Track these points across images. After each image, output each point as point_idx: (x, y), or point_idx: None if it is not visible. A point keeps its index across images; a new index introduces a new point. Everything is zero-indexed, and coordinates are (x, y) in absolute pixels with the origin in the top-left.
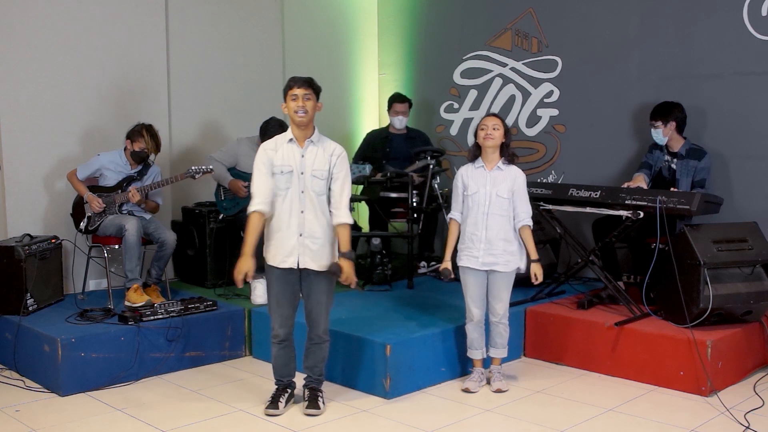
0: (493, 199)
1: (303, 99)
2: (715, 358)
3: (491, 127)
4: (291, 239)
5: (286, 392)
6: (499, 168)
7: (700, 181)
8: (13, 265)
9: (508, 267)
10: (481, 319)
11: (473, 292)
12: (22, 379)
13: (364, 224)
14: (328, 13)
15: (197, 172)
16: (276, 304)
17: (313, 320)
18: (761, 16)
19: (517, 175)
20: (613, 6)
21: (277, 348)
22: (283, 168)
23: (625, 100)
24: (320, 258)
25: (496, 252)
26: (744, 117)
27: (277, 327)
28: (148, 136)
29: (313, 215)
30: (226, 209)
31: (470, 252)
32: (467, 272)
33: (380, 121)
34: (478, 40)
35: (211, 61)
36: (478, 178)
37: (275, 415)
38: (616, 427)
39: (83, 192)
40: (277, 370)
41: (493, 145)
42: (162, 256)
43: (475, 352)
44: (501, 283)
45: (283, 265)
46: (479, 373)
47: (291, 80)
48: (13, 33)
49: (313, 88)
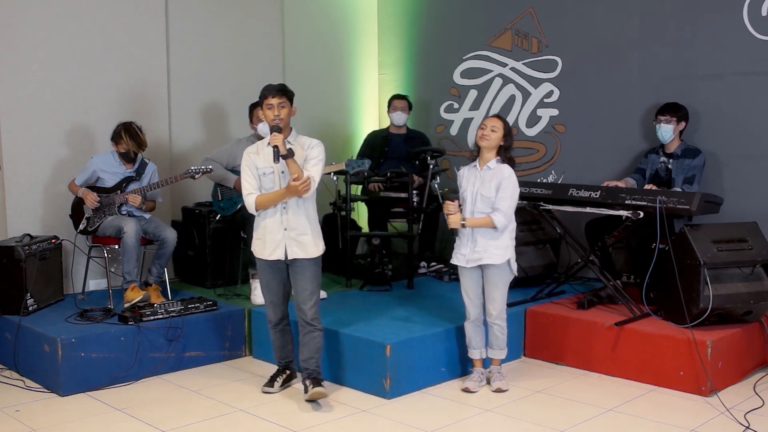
0: (478, 198)
1: (278, 108)
2: (715, 358)
3: (489, 128)
4: (277, 234)
5: (285, 373)
6: (488, 167)
7: (689, 178)
8: (13, 265)
9: (493, 259)
10: (477, 317)
11: (468, 290)
12: (22, 379)
13: (363, 224)
14: (328, 13)
15: (197, 172)
16: (266, 291)
17: (300, 307)
18: (761, 16)
19: (504, 174)
20: (613, 6)
21: (273, 332)
22: (265, 170)
23: (625, 100)
24: (306, 247)
25: (478, 248)
26: (744, 117)
27: (270, 313)
28: (127, 136)
29: (294, 210)
30: (224, 209)
31: (458, 250)
32: (461, 270)
33: (380, 121)
34: (478, 40)
35: (211, 61)
36: (470, 177)
37: (270, 393)
38: (616, 427)
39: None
40: (276, 351)
41: (487, 146)
42: (163, 254)
43: (474, 352)
44: (491, 280)
45: (270, 257)
46: (479, 373)
47: (265, 90)
48: (13, 33)
49: (287, 96)
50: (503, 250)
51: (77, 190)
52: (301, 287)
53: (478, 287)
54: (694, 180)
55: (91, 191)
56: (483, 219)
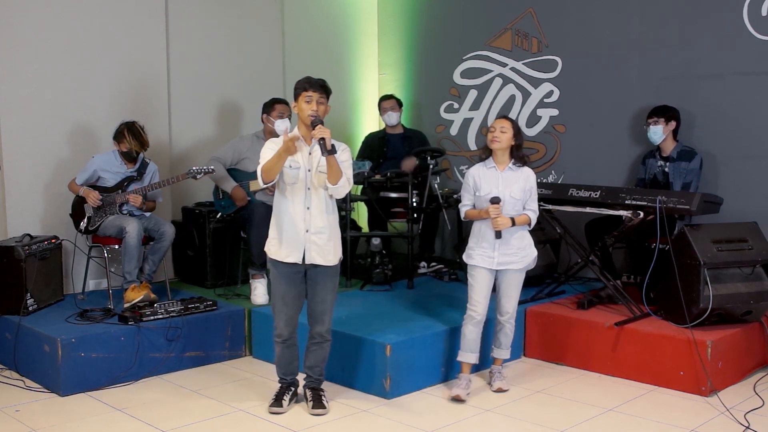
0: (507, 200)
1: (317, 103)
2: (715, 358)
3: (498, 129)
4: (298, 235)
5: (290, 390)
6: (510, 169)
7: (687, 184)
8: (13, 265)
9: (522, 263)
10: (482, 319)
11: (482, 290)
12: (22, 379)
13: (364, 224)
14: (328, 13)
15: (198, 172)
16: (282, 303)
17: (317, 319)
18: (761, 16)
19: (529, 176)
20: (613, 6)
21: (281, 347)
22: (291, 164)
23: (625, 100)
24: (326, 253)
25: (510, 251)
26: (744, 117)
27: (282, 326)
28: (130, 136)
29: (318, 211)
30: (224, 208)
31: (485, 252)
32: (479, 271)
33: (380, 121)
34: (478, 40)
35: (211, 61)
36: (490, 179)
37: (279, 413)
38: (616, 427)
39: (78, 190)
40: (281, 367)
41: (499, 148)
42: (159, 248)
43: (470, 356)
44: (513, 281)
45: (287, 259)
46: (466, 380)
47: (307, 82)
48: (13, 33)
49: (327, 93)
50: (531, 249)
51: (78, 189)
52: (320, 298)
53: (490, 289)
54: (691, 186)
55: (92, 190)
56: (523, 217)
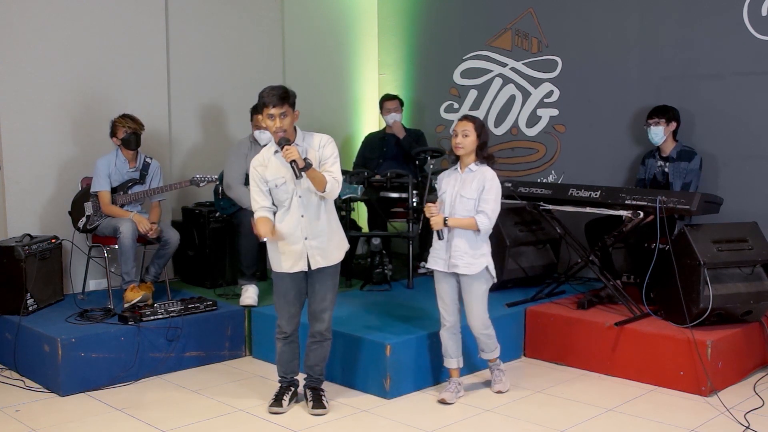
0: (457, 199)
1: (280, 119)
2: (715, 358)
3: (460, 134)
4: (297, 245)
5: (290, 390)
6: (470, 170)
7: (687, 185)
8: (13, 265)
9: (469, 269)
10: (454, 324)
11: (443, 296)
12: (22, 379)
13: (363, 224)
14: (328, 13)
15: (201, 180)
16: (284, 301)
17: (318, 318)
18: (761, 16)
19: (486, 176)
20: (613, 6)
21: (283, 344)
22: (276, 181)
23: (625, 100)
24: (328, 253)
25: (457, 254)
26: (744, 117)
27: (284, 324)
28: (124, 119)
29: (312, 216)
30: (224, 208)
31: (437, 253)
32: (437, 275)
33: (380, 121)
34: (478, 40)
35: (211, 61)
36: (451, 181)
37: (279, 413)
38: (616, 427)
39: (125, 214)
40: (282, 365)
41: (462, 154)
42: (164, 254)
43: (450, 361)
44: (468, 289)
45: (292, 270)
46: (456, 384)
47: (266, 97)
48: (13, 33)
49: (288, 102)
50: (479, 258)
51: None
52: (320, 296)
53: (454, 293)
54: (691, 186)
55: (143, 218)
56: (466, 219)
